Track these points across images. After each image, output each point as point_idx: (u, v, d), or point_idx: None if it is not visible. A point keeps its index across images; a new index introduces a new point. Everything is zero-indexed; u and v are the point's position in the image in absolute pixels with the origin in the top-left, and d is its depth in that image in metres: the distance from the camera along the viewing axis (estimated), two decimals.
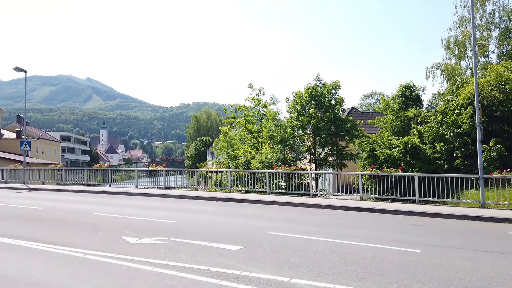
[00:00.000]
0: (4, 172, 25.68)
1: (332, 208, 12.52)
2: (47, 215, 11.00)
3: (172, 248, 6.74)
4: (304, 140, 21.54)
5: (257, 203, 13.81)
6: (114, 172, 22.95)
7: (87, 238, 7.72)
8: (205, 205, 13.70)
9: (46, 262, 6.00)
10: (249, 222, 10.10)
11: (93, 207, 12.83)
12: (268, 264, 5.79)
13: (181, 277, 5.11)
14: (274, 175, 16.42)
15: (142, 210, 11.98)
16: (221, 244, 7.03)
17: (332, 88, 21.07)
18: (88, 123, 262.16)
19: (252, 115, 23.59)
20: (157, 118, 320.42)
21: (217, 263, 5.75)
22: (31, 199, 15.29)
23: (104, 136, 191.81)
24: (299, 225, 9.59)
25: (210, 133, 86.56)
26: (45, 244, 7.02)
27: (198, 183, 19.17)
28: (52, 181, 23.57)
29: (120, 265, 5.70)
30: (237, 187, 17.25)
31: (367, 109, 56.89)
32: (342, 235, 8.16)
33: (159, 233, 8.07)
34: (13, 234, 7.97)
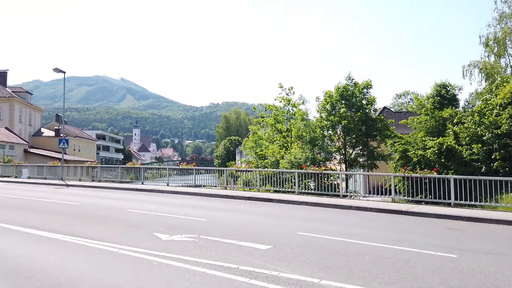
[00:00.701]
0: (44, 169, 26.94)
1: (363, 209, 12.28)
2: (84, 211, 11.43)
3: (203, 246, 6.84)
4: (334, 140, 21.26)
5: (286, 203, 13.76)
6: (146, 170, 23.55)
7: (121, 233, 7.97)
8: (234, 203, 13.80)
9: (83, 256, 6.23)
10: (278, 221, 10.08)
11: (126, 203, 13.22)
12: (297, 265, 5.75)
13: (211, 275, 5.17)
14: (303, 175, 16.31)
15: (173, 208, 12.22)
16: (250, 243, 7.05)
17: (363, 88, 20.67)
18: (122, 122, 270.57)
19: (281, 115, 23.53)
20: (187, 117, 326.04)
21: (247, 262, 5.77)
22: (68, 195, 15.94)
23: (137, 135, 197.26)
24: (329, 226, 9.48)
25: (239, 132, 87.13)
26: (81, 238, 7.30)
27: (227, 182, 19.34)
28: (88, 178, 24.50)
29: (152, 260, 5.84)
30: (266, 186, 17.26)
31: (400, 109, 55.39)
32: (374, 237, 7.99)
33: (190, 230, 8.20)
34: (53, 228, 8.33)
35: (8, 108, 60.07)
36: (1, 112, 59.93)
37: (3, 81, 65.77)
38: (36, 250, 6.55)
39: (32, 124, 67.50)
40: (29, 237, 7.53)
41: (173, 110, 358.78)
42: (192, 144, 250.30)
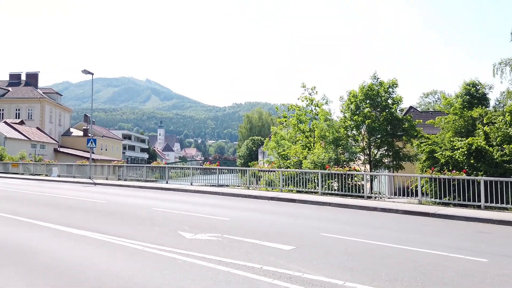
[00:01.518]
0: (73, 168, 27.82)
1: (388, 211, 12.05)
2: (110, 209, 11.72)
3: (226, 245, 6.87)
4: (358, 141, 20.93)
5: (309, 204, 13.67)
6: (170, 169, 23.93)
7: (146, 231, 8.11)
8: (257, 203, 13.82)
9: (110, 252, 6.38)
10: (301, 222, 10.01)
11: (151, 202, 13.46)
12: (321, 266, 5.70)
13: (234, 274, 5.20)
14: (326, 176, 16.15)
15: (197, 207, 12.35)
16: (273, 243, 7.04)
17: (389, 87, 20.26)
18: (147, 122, 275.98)
19: (304, 115, 23.36)
20: (210, 117, 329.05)
21: (270, 262, 5.76)
22: (96, 193, 16.39)
23: (161, 135, 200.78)
24: (353, 228, 9.34)
25: (261, 132, 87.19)
26: (108, 235, 7.49)
27: (249, 182, 19.38)
28: (114, 176, 25.12)
29: (177, 259, 5.92)
30: (288, 187, 17.20)
31: (427, 109, 54.02)
32: (400, 239, 7.82)
33: (213, 229, 8.26)
34: (81, 225, 8.59)
35: (39, 109, 62.35)
36: (33, 113, 62.25)
37: (35, 82, 68.32)
38: (65, 246, 6.76)
39: (62, 124, 69.80)
40: (59, 233, 7.79)
41: (196, 110, 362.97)
42: (215, 144, 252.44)
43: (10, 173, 31.30)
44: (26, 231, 8.05)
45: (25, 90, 64.80)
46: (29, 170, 31.01)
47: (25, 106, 62.23)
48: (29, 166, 31.60)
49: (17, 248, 6.56)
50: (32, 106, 62.31)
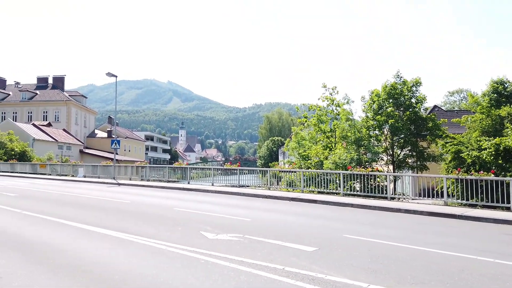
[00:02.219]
0: (98, 168, 28.50)
1: (412, 212, 11.79)
2: (134, 209, 11.94)
3: (248, 246, 6.89)
4: (381, 141, 20.58)
5: (331, 205, 13.53)
6: (191, 170, 24.18)
7: (169, 231, 8.21)
8: (278, 204, 13.79)
9: (134, 252, 6.49)
10: (323, 223, 9.92)
11: (173, 202, 13.64)
12: (344, 268, 5.63)
13: (256, 275, 5.19)
14: (348, 176, 15.96)
15: (218, 207, 12.43)
16: (295, 244, 7.00)
17: (412, 86, 19.83)
18: (169, 123, 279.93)
19: (325, 115, 23.15)
20: (231, 118, 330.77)
21: (292, 263, 5.73)
22: (120, 193, 16.73)
23: (183, 136, 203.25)
24: (376, 229, 9.18)
25: (282, 133, 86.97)
26: (132, 235, 7.63)
27: (270, 182, 19.36)
28: (137, 177, 25.59)
29: (199, 258, 5.97)
30: (310, 187, 17.09)
31: (452, 107, 52.60)
32: (425, 241, 7.63)
33: (235, 230, 8.29)
34: (106, 224, 8.79)
35: (65, 111, 64.22)
36: (60, 115, 64.16)
37: (61, 85, 70.44)
38: (91, 245, 6.93)
39: (87, 126, 71.66)
40: (84, 233, 7.99)
41: (217, 111, 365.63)
42: (235, 144, 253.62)
43: (38, 173, 32.37)
44: (54, 230, 8.29)
45: (52, 93, 66.92)
46: (56, 170, 31.98)
47: (52, 109, 64.25)
48: (56, 167, 32.58)
49: (45, 247, 6.77)
50: (59, 108, 64.26)
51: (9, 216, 10.07)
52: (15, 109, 64.36)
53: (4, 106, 64.80)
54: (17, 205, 12.16)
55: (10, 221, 9.37)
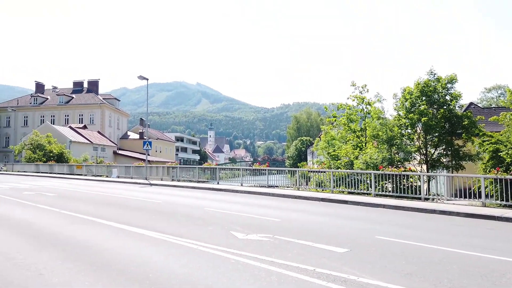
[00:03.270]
0: (131, 169, 29.32)
1: (448, 214, 11.38)
2: (165, 208, 12.19)
3: (278, 246, 6.87)
4: (413, 140, 19.98)
5: (362, 205, 13.29)
6: (220, 170, 24.40)
7: (200, 231, 8.33)
8: (307, 204, 13.68)
9: (166, 251, 6.63)
10: (354, 224, 9.75)
11: (203, 202, 13.82)
12: (377, 270, 5.50)
13: (287, 275, 5.17)
14: (379, 176, 15.61)
15: (248, 207, 12.48)
16: (326, 245, 6.92)
17: (447, 82, 19.12)
18: (198, 124, 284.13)
19: (354, 114, 22.73)
20: (259, 119, 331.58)
21: (323, 264, 5.67)
22: (152, 193, 17.14)
23: (212, 137, 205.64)
24: (410, 231, 8.92)
25: (310, 132, 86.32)
26: (164, 234, 7.79)
27: (299, 182, 19.23)
28: (168, 177, 26.12)
29: (229, 258, 6.01)
30: (340, 187, 16.85)
31: (489, 104, 50.36)
32: (462, 244, 7.35)
33: (265, 230, 8.30)
34: (139, 224, 9.02)
35: (100, 114, 66.51)
36: (94, 117, 66.53)
37: (95, 89, 73.05)
38: (125, 244, 7.13)
39: (120, 128, 73.88)
40: (119, 231, 8.23)
41: (245, 112, 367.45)
42: (264, 145, 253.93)
43: (75, 174, 33.70)
44: (91, 229, 8.59)
45: (87, 96, 69.51)
46: (91, 171, 33.18)
47: (87, 112, 66.73)
48: (91, 168, 33.80)
49: (83, 245, 7.03)
50: (93, 111, 66.64)
51: (49, 216, 10.54)
52: (53, 113, 67.33)
53: (43, 109, 67.94)
54: (56, 204, 12.71)
55: (50, 220, 9.80)
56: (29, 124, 67.00)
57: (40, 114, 67.73)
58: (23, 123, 68.21)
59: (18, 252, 6.42)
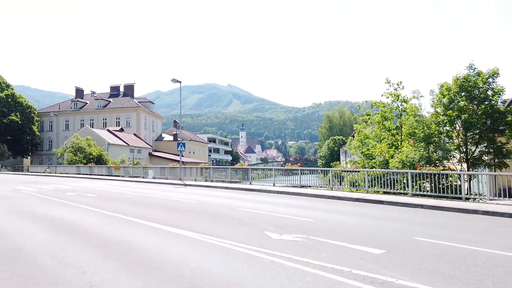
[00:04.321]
0: (165, 170, 30.05)
1: (491, 214, 10.85)
2: (200, 208, 12.39)
3: (312, 247, 6.81)
4: (452, 137, 19.21)
5: (398, 206, 12.92)
6: (252, 170, 24.50)
7: (234, 231, 8.40)
8: (341, 205, 13.47)
9: (202, 250, 6.73)
10: (391, 225, 9.49)
11: (237, 202, 13.93)
12: (416, 272, 5.33)
13: (322, 276, 5.12)
14: (417, 176, 15.12)
15: (281, 207, 12.46)
16: (362, 246, 6.79)
17: (488, 77, 18.24)
18: (229, 125, 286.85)
19: (389, 111, 22.14)
20: (290, 118, 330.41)
21: (359, 266, 5.57)
22: (186, 194, 17.48)
23: (243, 137, 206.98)
24: (450, 232, 8.58)
25: (343, 131, 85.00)
26: (200, 234, 7.92)
27: (332, 182, 18.98)
28: (201, 178, 26.54)
29: (264, 258, 6.03)
30: (374, 187, 16.48)
31: None
32: (507, 246, 6.98)
33: (298, 230, 8.25)
34: (175, 224, 9.23)
35: (135, 117, 68.61)
36: (130, 120, 68.70)
37: (131, 93, 75.44)
38: (163, 244, 7.31)
39: (155, 130, 75.91)
40: (157, 231, 8.46)
41: (276, 112, 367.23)
42: (295, 144, 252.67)
43: (113, 175, 34.95)
44: (129, 228, 8.88)
45: (123, 100, 71.92)
46: (128, 172, 34.29)
47: (123, 115, 69.04)
48: (128, 169, 34.93)
49: (122, 244, 7.28)
50: (130, 114, 68.84)
51: (90, 216, 10.99)
52: (92, 116, 70.22)
53: (82, 114, 71.01)
54: (97, 205, 13.25)
55: (91, 220, 10.22)
56: (70, 128, 70.25)
57: (80, 118, 70.83)
58: (65, 127, 71.58)
59: (62, 251, 6.74)
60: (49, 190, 19.87)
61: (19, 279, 5.27)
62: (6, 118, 63.08)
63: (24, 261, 6.17)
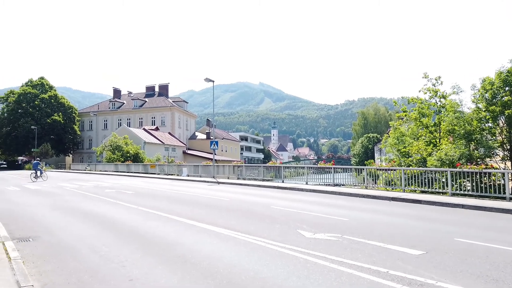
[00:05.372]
0: (199, 168, 30.57)
1: None
2: (233, 206, 12.51)
3: (347, 246, 6.70)
4: (495, 134, 18.25)
5: (437, 205, 12.45)
6: (285, 168, 24.43)
7: (267, 229, 8.41)
8: (376, 204, 13.16)
9: (236, 247, 6.80)
10: (430, 225, 9.16)
11: (269, 200, 13.95)
12: (457, 275, 5.12)
13: (358, 277, 5.03)
14: (456, 174, 14.50)
15: (314, 206, 12.35)
16: (399, 246, 6.60)
17: None
18: (261, 124, 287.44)
19: (427, 108, 21.33)
20: (322, 116, 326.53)
21: (397, 267, 5.42)
22: (220, 191, 17.70)
23: (275, 135, 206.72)
24: (493, 233, 8.16)
25: (377, 129, 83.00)
26: (233, 231, 8.00)
27: (367, 181, 18.57)
28: (234, 176, 26.77)
29: (298, 257, 6.00)
30: (411, 186, 15.96)
31: None
32: None
33: (332, 229, 8.15)
34: (210, 220, 9.37)
35: (170, 116, 70.23)
36: (165, 119, 70.41)
37: (166, 92, 77.31)
38: (198, 240, 7.45)
39: (188, 128, 77.38)
40: (192, 227, 8.63)
41: (308, 110, 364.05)
42: (328, 142, 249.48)
43: (149, 173, 35.97)
44: (165, 225, 9.12)
45: (158, 100, 73.83)
46: (163, 170, 35.16)
47: (158, 114, 70.87)
48: (163, 167, 35.82)
49: (158, 240, 7.48)
50: (164, 114, 70.57)
51: (128, 212, 11.38)
52: (128, 116, 72.58)
53: (120, 113, 73.53)
54: (134, 201, 13.69)
55: (130, 216, 10.58)
56: (108, 127, 72.96)
57: (118, 118, 73.39)
58: (103, 126, 74.43)
59: (104, 245, 7.02)
60: (90, 187, 20.74)
61: (64, 272, 5.55)
62: (49, 118, 66.46)
63: (68, 254, 6.48)
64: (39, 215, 10.87)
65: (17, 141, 64.67)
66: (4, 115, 67.61)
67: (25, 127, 63.50)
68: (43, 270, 5.60)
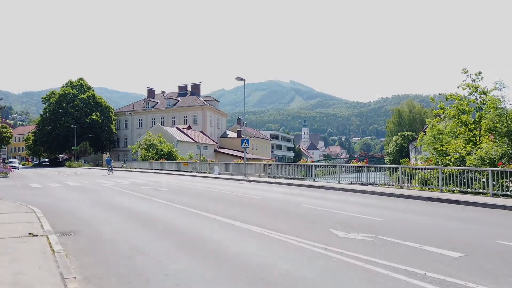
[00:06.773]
0: (230, 166, 30.85)
1: None
2: (264, 204, 12.54)
3: (382, 247, 6.55)
4: None
5: (477, 206, 11.92)
6: (316, 167, 24.19)
7: (299, 227, 8.37)
8: (411, 204, 12.78)
9: (268, 245, 6.81)
10: (470, 226, 8.79)
11: (301, 199, 13.87)
12: (500, 279, 4.89)
13: (394, 278, 4.90)
14: (498, 174, 13.82)
15: (346, 205, 12.16)
16: (436, 248, 6.38)
17: None
18: (292, 122, 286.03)
19: (466, 104, 20.42)
20: (354, 114, 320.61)
21: (435, 269, 5.24)
22: (251, 190, 17.79)
23: (306, 134, 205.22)
24: None
25: (412, 127, 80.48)
26: (265, 229, 8.02)
27: (401, 180, 18.06)
28: (265, 174, 26.81)
29: (331, 256, 5.93)
30: (449, 186, 15.37)
31: None
32: None
33: (366, 229, 7.99)
34: (241, 218, 9.44)
35: (202, 115, 71.31)
36: (197, 118, 71.56)
37: (198, 92, 78.53)
38: (230, 237, 7.53)
39: (220, 127, 78.24)
40: (224, 225, 8.73)
41: (339, 108, 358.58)
42: (360, 141, 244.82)
43: (182, 171, 36.70)
44: (199, 221, 9.28)
45: (191, 99, 75.15)
46: (196, 168, 35.77)
47: (191, 113, 72.15)
48: (196, 165, 36.44)
49: (193, 236, 7.63)
50: (196, 112, 71.75)
51: (163, 209, 11.67)
52: (162, 115, 74.38)
53: (154, 112, 75.49)
54: (168, 198, 14.02)
55: (165, 212, 10.85)
56: (143, 126, 75.08)
57: (152, 117, 75.38)
58: (138, 125, 76.68)
59: (140, 240, 7.24)
60: (126, 184, 21.44)
61: (102, 265, 5.77)
62: (88, 118, 69.31)
63: (107, 249, 6.74)
64: (79, 210, 11.36)
65: (58, 139, 67.92)
66: (47, 115, 71.21)
67: (65, 126, 66.56)
68: (84, 263, 5.85)
